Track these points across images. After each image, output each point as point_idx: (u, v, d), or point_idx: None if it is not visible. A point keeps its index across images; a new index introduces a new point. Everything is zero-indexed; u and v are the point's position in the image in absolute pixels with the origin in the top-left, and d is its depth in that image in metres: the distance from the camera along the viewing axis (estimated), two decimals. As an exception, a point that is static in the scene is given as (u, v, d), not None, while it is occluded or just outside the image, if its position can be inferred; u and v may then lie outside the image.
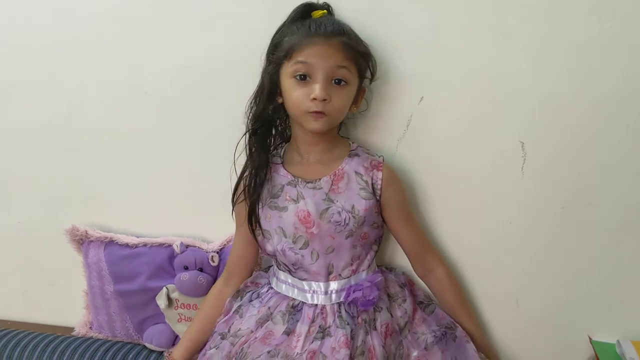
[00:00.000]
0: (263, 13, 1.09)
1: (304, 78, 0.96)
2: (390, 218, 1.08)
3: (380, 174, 1.05)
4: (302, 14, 1.00)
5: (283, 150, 1.11)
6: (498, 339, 1.20)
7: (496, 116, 1.08)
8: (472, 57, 1.06)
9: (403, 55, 1.08)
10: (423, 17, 1.06)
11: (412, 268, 1.16)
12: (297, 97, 0.97)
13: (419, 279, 1.17)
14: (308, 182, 1.04)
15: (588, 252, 1.12)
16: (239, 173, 1.08)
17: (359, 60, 0.98)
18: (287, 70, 0.97)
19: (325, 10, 1.02)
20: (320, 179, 1.04)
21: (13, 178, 1.37)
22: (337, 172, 1.04)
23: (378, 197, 1.05)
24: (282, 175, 1.06)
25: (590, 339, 1.15)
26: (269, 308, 1.06)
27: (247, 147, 1.06)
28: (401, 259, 1.20)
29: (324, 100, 0.95)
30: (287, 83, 0.98)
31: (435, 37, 1.06)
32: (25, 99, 1.30)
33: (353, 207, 1.02)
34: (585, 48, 1.01)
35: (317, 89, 0.94)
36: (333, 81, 0.96)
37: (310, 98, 0.95)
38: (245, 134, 1.05)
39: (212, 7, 1.14)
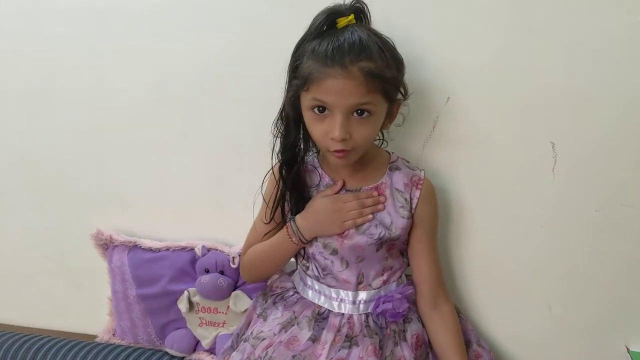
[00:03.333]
0: (289, 14, 1.09)
1: (322, 111, 0.89)
2: (416, 239, 1.02)
3: (418, 193, 1.00)
4: (326, 24, 0.89)
5: (320, 152, 1.05)
6: (530, 346, 1.16)
7: (525, 116, 1.05)
8: (500, 55, 1.04)
9: (428, 55, 1.06)
10: (448, 14, 1.04)
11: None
12: (317, 133, 0.91)
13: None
14: (348, 190, 1.00)
15: (625, 257, 1.08)
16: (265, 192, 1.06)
17: (385, 87, 0.88)
18: (306, 103, 0.90)
19: (351, 16, 0.89)
20: (360, 189, 1.00)
21: (39, 182, 1.39)
22: (379, 186, 1.00)
23: (412, 214, 1.00)
24: (321, 178, 1.02)
25: (627, 349, 1.11)
26: (294, 312, 1.02)
27: (280, 176, 1.00)
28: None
29: (344, 139, 0.88)
30: (307, 115, 0.92)
31: (461, 34, 1.05)
32: (53, 104, 1.32)
33: (391, 223, 0.98)
34: (616, 43, 0.99)
35: (334, 130, 0.87)
36: (355, 113, 0.88)
37: (329, 138, 0.89)
38: (276, 163, 1.00)
39: (241, 9, 1.14)
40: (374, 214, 0.98)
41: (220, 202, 1.28)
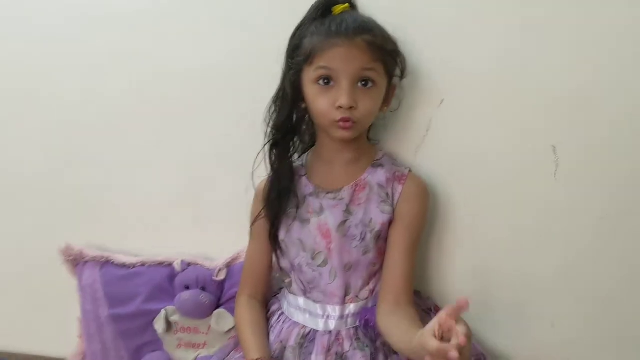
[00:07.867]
0: (279, 14, 1.07)
1: (328, 82, 0.91)
2: (394, 232, 0.98)
3: (400, 188, 0.98)
4: (322, 11, 0.95)
5: (306, 157, 1.06)
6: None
7: (524, 118, 1.03)
8: (497, 55, 1.02)
9: (421, 55, 1.03)
10: (442, 14, 1.02)
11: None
12: (322, 106, 0.92)
13: (445, 304, 1.08)
14: (329, 193, 1.00)
15: (630, 266, 1.04)
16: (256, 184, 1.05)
17: (386, 59, 0.93)
18: (310, 76, 0.92)
19: (347, 5, 0.96)
20: (341, 189, 0.99)
21: (4, 194, 1.34)
22: (358, 182, 0.99)
23: (394, 209, 0.98)
24: (304, 186, 1.02)
25: (635, 364, 1.06)
26: (281, 342, 1.00)
27: (269, 159, 1.01)
28: (427, 283, 1.14)
29: (351, 107, 0.90)
30: (311, 89, 0.93)
31: (456, 33, 1.03)
32: (20, 111, 1.28)
33: (371, 220, 0.97)
34: (618, 44, 0.97)
35: (342, 97, 0.89)
36: (359, 83, 0.91)
37: (336, 106, 0.90)
38: (265, 144, 1.00)
39: (224, 10, 1.13)
40: (353, 215, 0.98)
41: (199, 215, 1.24)
